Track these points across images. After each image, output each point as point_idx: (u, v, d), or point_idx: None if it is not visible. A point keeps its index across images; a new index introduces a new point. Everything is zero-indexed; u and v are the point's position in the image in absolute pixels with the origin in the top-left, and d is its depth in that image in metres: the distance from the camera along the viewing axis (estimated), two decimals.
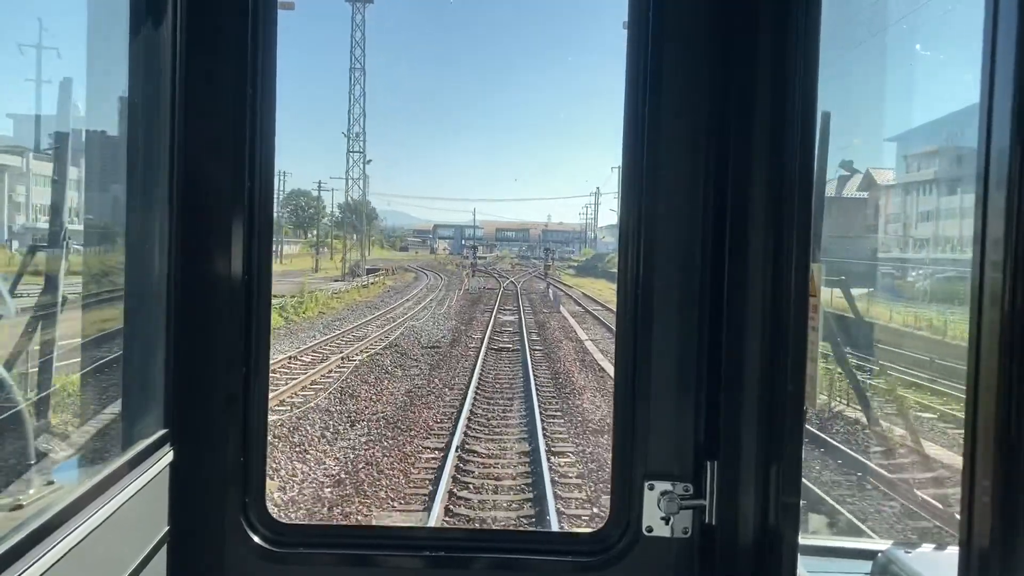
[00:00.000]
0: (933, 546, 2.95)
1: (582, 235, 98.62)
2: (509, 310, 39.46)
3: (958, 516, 1.40)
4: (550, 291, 49.55)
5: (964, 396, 1.41)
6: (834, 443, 11.35)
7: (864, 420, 11.62)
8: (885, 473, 9.77)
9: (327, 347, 24.67)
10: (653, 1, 2.74)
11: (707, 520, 2.68)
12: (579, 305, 42.09)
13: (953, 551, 1.46)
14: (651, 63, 2.74)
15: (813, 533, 8.18)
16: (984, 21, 1.35)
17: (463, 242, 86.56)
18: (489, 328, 30.88)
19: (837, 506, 9.09)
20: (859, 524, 8.63)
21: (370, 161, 65.65)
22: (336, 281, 51.01)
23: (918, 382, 13.57)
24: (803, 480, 2.80)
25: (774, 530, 2.51)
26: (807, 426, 2.72)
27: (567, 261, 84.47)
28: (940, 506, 7.83)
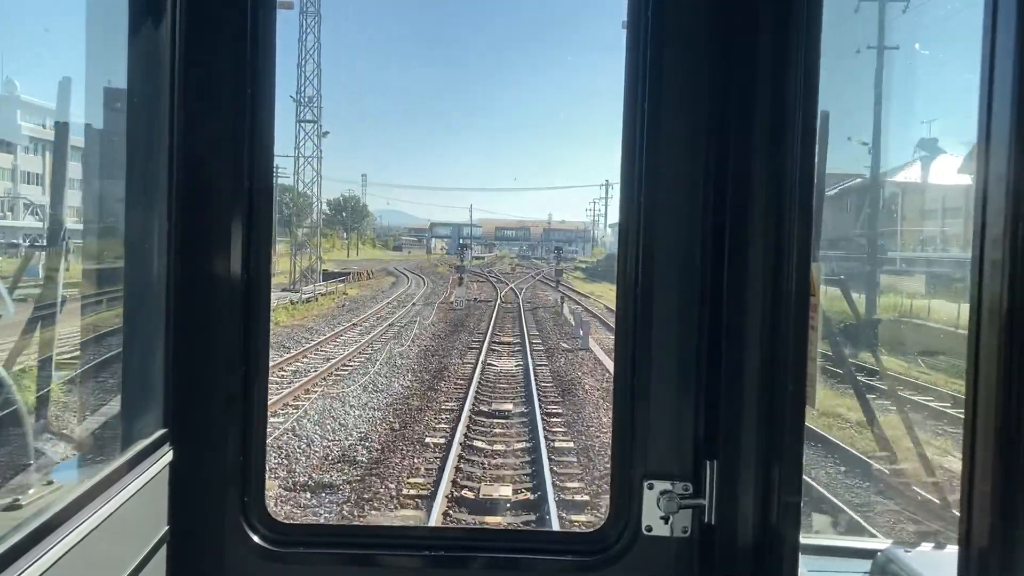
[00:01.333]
0: (932, 545, 2.95)
1: (586, 234, 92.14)
2: (508, 345, 24.39)
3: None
4: (565, 307, 35.63)
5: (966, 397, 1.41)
6: None
7: None
8: None
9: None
10: (652, 0, 2.74)
11: (707, 520, 2.68)
12: (613, 332, 17.86)
13: (952, 550, 1.46)
14: (650, 62, 2.74)
15: (816, 532, 8.14)
16: (983, 20, 1.35)
17: (460, 241, 79.82)
18: (468, 402, 16.33)
19: None
20: None
21: (327, 133, 50.34)
22: (283, 291, 37.73)
23: None
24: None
25: (774, 529, 2.51)
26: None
27: (572, 262, 75.30)
28: None
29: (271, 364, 16.44)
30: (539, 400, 16.79)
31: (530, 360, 20.71)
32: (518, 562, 2.87)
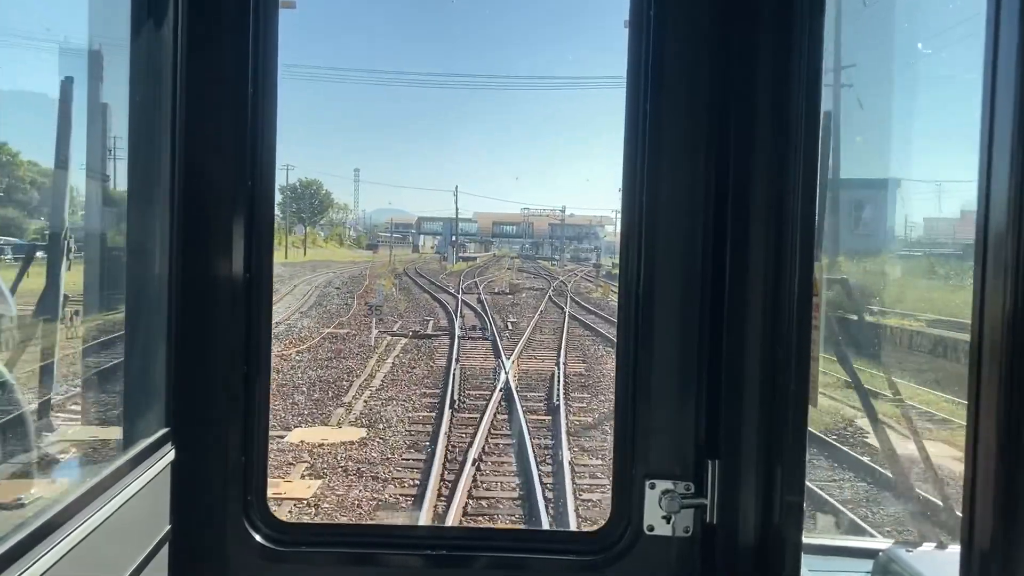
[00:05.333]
0: (934, 545, 2.95)
1: (601, 229, 73.39)
2: None
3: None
4: None
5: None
6: None
7: None
8: None
9: None
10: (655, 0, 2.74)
11: (708, 519, 2.68)
12: None
13: (954, 550, 1.47)
14: (652, 61, 2.74)
15: (818, 532, 8.12)
16: (986, 21, 1.35)
17: (451, 238, 64.68)
18: None
19: None
20: None
21: None
22: None
23: None
24: None
25: (776, 529, 2.51)
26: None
27: (584, 264, 55.62)
28: None
29: None
30: None
31: None
32: (520, 561, 2.87)
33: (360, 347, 20.25)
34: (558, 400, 14.31)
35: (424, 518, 10.45)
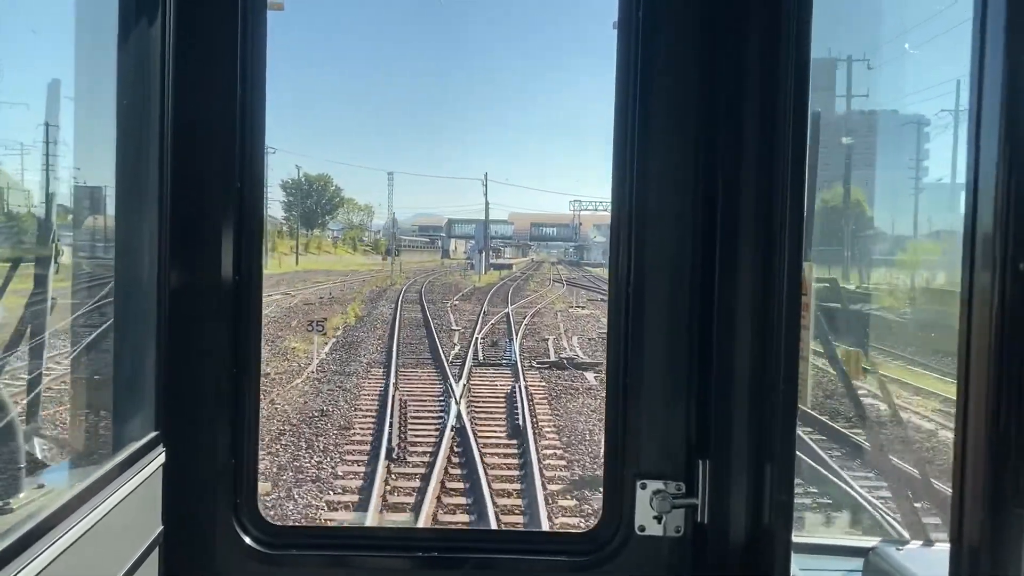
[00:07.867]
0: (922, 542, 2.97)
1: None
2: None
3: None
4: None
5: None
6: None
7: None
8: None
9: None
10: (643, 1, 2.75)
11: (699, 519, 2.69)
12: None
13: (943, 547, 1.48)
14: (641, 62, 2.75)
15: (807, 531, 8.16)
16: (972, 23, 1.36)
17: (482, 243, 55.08)
18: None
19: None
20: None
21: None
22: None
23: None
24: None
25: (767, 528, 2.52)
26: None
27: None
28: None
29: None
30: None
31: None
32: (512, 563, 2.87)
33: None
34: None
35: None
